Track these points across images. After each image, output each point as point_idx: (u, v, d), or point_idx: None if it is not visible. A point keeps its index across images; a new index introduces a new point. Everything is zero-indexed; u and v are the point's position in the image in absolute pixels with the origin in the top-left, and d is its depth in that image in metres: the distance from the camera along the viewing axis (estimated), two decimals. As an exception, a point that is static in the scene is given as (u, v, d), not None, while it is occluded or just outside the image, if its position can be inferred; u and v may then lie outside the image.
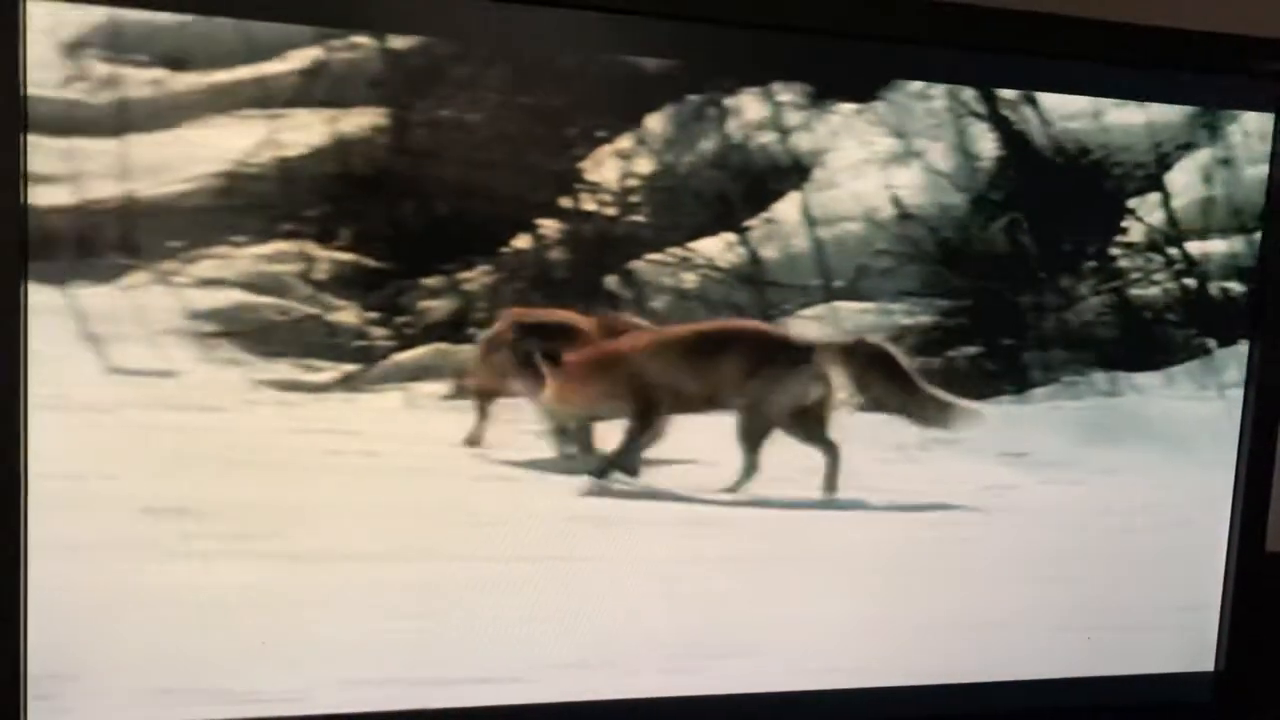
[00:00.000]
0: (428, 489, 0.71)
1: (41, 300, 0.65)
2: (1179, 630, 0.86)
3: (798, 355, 0.77)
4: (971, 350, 0.81)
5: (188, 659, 0.69)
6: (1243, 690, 0.86)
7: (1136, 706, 0.85)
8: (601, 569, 0.75)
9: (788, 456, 0.77)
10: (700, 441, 0.76)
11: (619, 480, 0.74)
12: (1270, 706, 0.88)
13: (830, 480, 0.77)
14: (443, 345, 0.71)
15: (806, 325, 0.76)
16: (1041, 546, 0.82)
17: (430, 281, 0.71)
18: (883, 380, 0.78)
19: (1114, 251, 0.83)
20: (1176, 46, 0.79)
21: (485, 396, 0.71)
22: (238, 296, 0.67)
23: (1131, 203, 0.83)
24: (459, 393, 0.71)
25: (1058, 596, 0.83)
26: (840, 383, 0.77)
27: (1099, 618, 0.84)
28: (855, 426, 0.79)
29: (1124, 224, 0.83)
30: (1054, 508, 0.82)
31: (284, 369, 0.69)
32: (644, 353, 0.73)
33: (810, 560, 0.78)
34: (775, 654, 0.78)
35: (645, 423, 0.74)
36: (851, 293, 0.78)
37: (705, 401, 0.76)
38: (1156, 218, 0.83)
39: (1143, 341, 0.83)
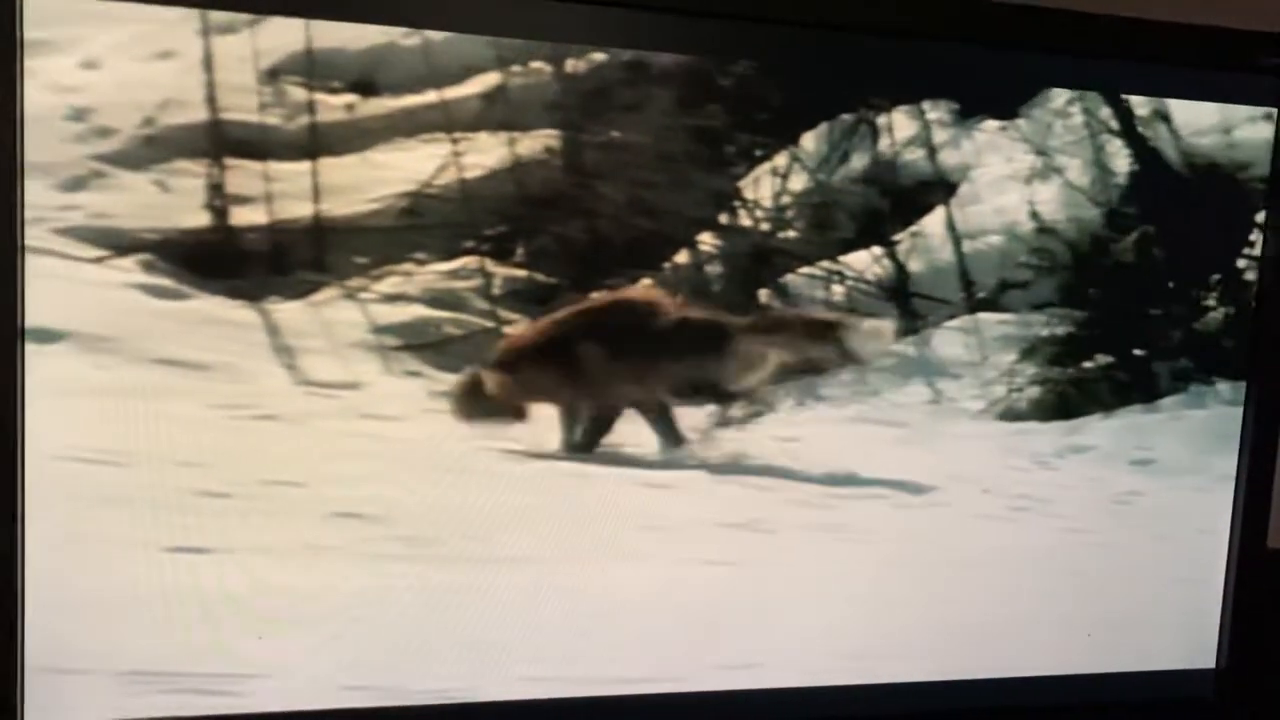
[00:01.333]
0: (591, 495, 0.74)
1: (239, 315, 0.67)
2: (1181, 627, 0.86)
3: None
4: (1104, 360, 0.83)
5: (367, 655, 0.72)
6: (1245, 687, 0.86)
7: (1138, 703, 0.85)
8: (747, 572, 0.77)
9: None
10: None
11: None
12: (1272, 703, 0.88)
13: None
14: (606, 357, 0.74)
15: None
16: (1047, 544, 0.83)
17: (596, 295, 0.73)
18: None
19: (1240, 264, 0.85)
20: (1178, 41, 0.79)
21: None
22: (420, 311, 0.70)
23: (1260, 216, 0.84)
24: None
25: (1061, 593, 0.83)
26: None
27: (1101, 614, 0.84)
28: (997, 434, 0.81)
29: (1251, 237, 0.85)
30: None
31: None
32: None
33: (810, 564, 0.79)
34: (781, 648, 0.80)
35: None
36: (992, 304, 0.80)
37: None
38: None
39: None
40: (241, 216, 0.67)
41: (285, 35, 0.66)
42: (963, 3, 0.75)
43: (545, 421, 0.73)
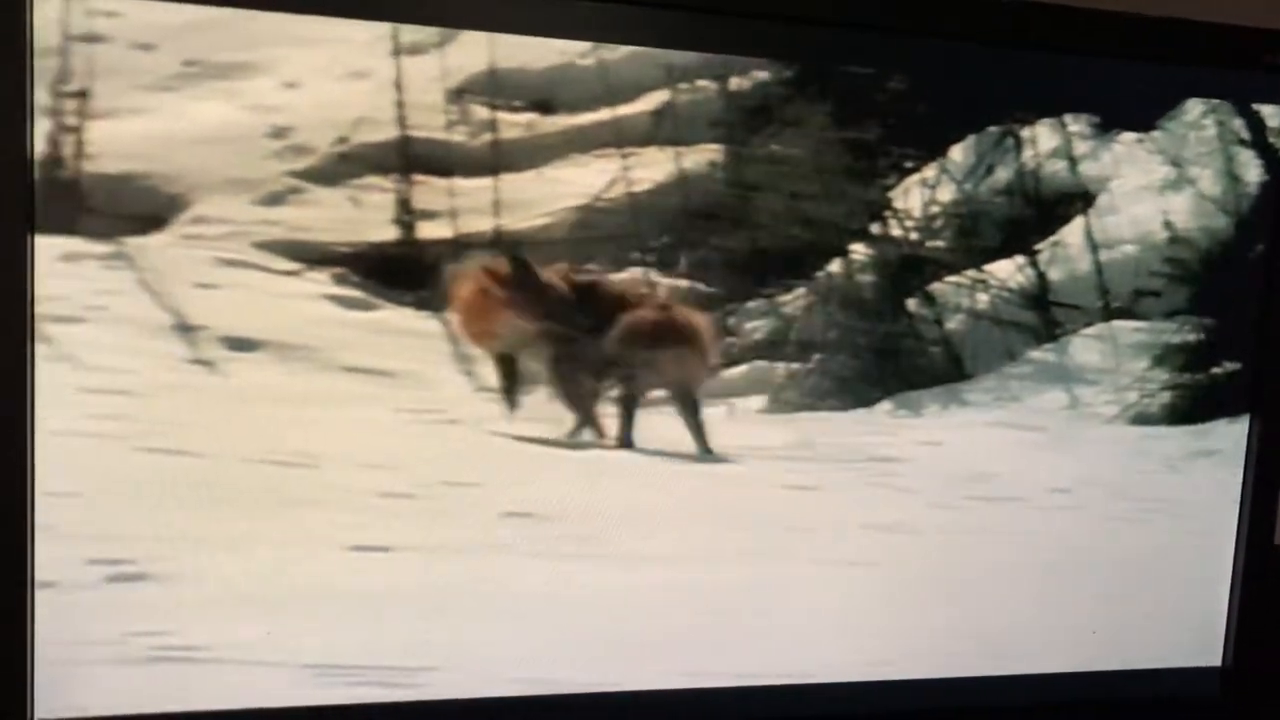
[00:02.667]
0: (744, 497, 0.77)
1: (421, 325, 0.70)
2: (1187, 625, 0.86)
3: None
4: (1232, 367, 0.85)
5: (535, 649, 0.75)
6: (1251, 685, 0.86)
7: (1143, 701, 0.85)
8: (888, 573, 0.80)
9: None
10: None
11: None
12: (1278, 702, 0.88)
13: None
14: (760, 363, 0.76)
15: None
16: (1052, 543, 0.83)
17: (753, 304, 0.76)
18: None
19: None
20: (1187, 39, 0.79)
21: None
22: (590, 320, 0.73)
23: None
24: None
25: (1066, 590, 0.83)
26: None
27: (1105, 612, 0.84)
28: (1129, 438, 0.83)
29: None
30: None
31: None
32: None
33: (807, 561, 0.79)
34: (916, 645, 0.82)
35: None
36: (1127, 312, 0.82)
37: None
38: None
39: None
40: (427, 230, 0.69)
41: (471, 56, 0.68)
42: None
43: (709, 427, 0.76)
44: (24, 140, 0.63)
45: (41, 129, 0.64)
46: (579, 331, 0.72)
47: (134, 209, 0.66)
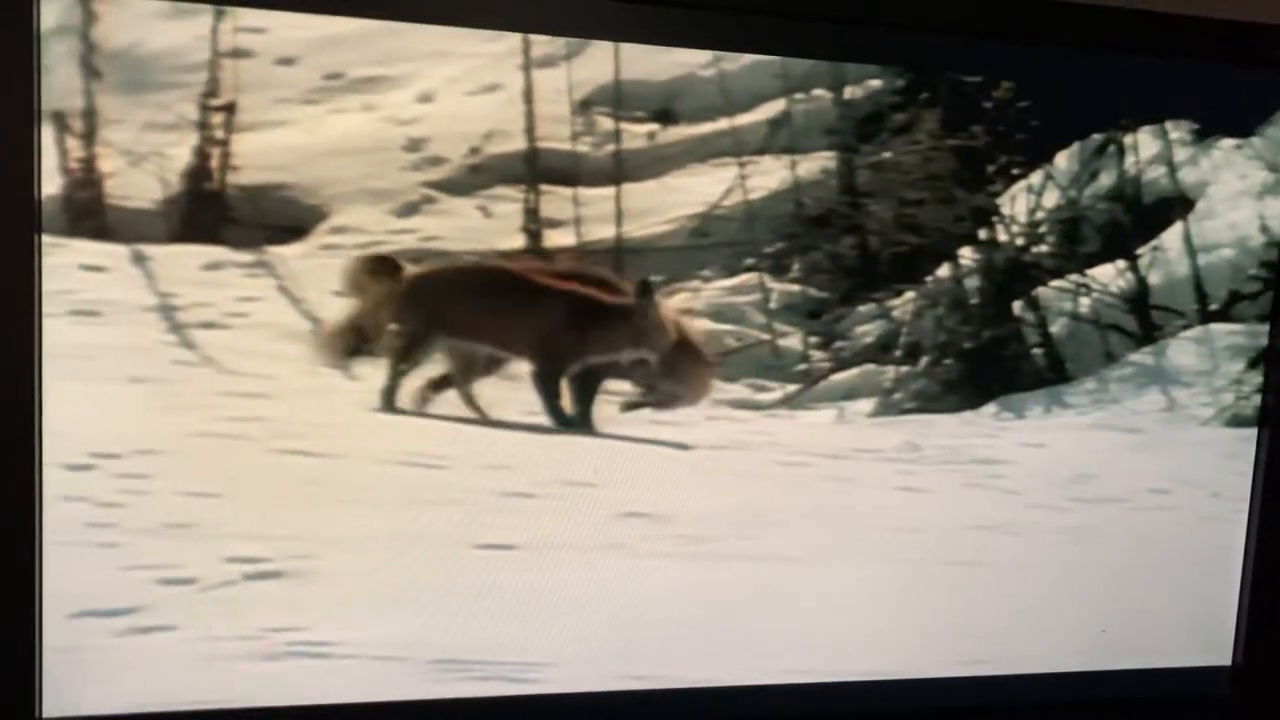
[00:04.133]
0: (853, 498, 0.78)
1: (545, 330, 0.72)
2: (1197, 623, 0.86)
3: None
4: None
5: (644, 647, 0.77)
6: (1261, 684, 0.87)
7: (1154, 699, 0.86)
8: (993, 573, 0.81)
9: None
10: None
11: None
12: None
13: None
14: (870, 367, 0.78)
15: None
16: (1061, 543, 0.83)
17: (864, 309, 0.77)
18: None
19: None
20: (1198, 36, 0.79)
21: None
22: (704, 325, 0.75)
23: None
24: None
25: (1076, 589, 0.83)
26: None
27: (1116, 610, 0.84)
28: (1224, 440, 0.84)
29: None
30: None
31: (737, 389, 0.76)
32: None
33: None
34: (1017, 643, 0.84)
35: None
36: (1223, 315, 0.84)
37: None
38: None
39: None
40: (553, 239, 0.71)
41: (597, 68, 0.70)
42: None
43: (820, 429, 0.78)
44: (31, 144, 0.64)
45: (189, 142, 0.66)
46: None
47: (275, 219, 0.68)
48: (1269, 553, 0.85)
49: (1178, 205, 0.82)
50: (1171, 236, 0.82)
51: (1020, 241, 0.79)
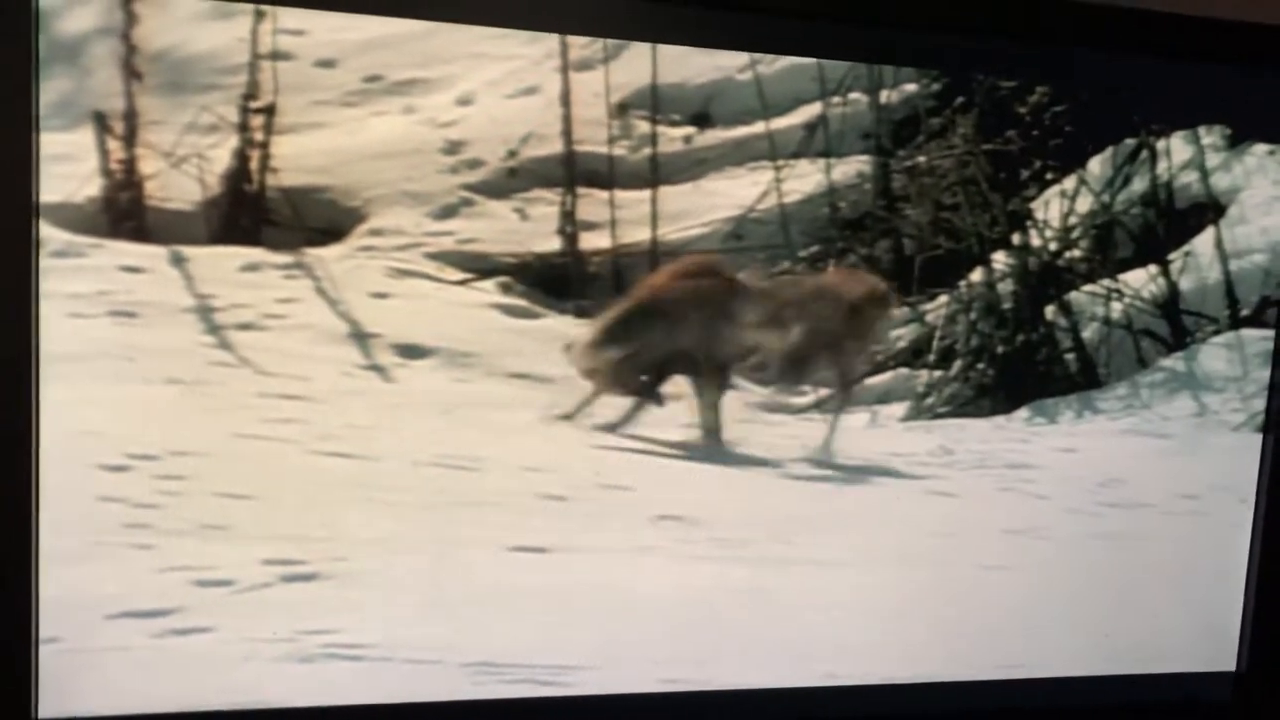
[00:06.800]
0: (885, 503, 0.78)
1: (583, 333, 0.72)
2: (1200, 629, 0.85)
3: None
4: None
5: (679, 649, 0.76)
6: (1264, 690, 0.86)
7: (1156, 705, 0.85)
8: (1022, 577, 0.81)
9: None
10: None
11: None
12: None
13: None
14: (904, 370, 0.78)
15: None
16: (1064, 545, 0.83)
17: (897, 312, 0.77)
18: None
19: None
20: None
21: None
22: (739, 328, 0.75)
23: None
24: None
25: (1078, 594, 0.83)
26: None
27: (1119, 616, 0.84)
28: (1256, 446, 0.84)
29: None
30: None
31: (768, 392, 0.76)
32: None
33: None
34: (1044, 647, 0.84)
35: None
36: (1254, 320, 0.84)
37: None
38: None
39: None
40: (589, 241, 0.71)
41: (634, 72, 0.70)
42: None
43: (853, 433, 0.78)
44: (29, 141, 0.63)
45: (228, 144, 0.66)
46: None
47: (314, 221, 0.68)
48: (1273, 558, 0.85)
49: (1210, 210, 0.82)
50: (1203, 242, 0.82)
51: (1053, 246, 0.79)
